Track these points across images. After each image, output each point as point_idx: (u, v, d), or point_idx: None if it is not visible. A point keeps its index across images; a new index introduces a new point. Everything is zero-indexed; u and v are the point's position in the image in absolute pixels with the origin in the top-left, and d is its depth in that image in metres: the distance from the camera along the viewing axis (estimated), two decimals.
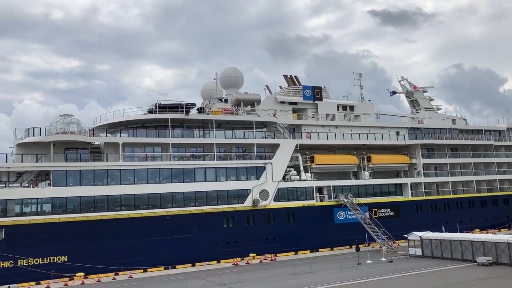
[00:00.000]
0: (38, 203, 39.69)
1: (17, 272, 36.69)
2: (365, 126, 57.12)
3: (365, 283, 29.60)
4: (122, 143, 43.73)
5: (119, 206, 41.97)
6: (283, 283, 30.75)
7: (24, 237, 37.85)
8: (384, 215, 53.00)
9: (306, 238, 48.18)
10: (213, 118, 47.82)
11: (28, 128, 42.28)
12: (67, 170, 40.89)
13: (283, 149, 49.82)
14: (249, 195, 47.16)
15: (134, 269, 39.82)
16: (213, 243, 44.26)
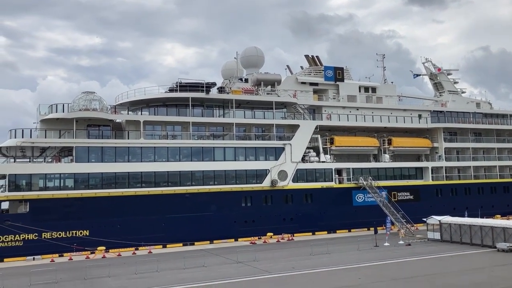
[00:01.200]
0: (61, 178, 40.60)
1: (41, 245, 37.85)
2: (386, 108, 56.34)
3: (382, 265, 29.62)
4: (143, 121, 44.17)
5: (139, 183, 42.63)
6: (299, 263, 30.99)
7: (48, 211, 38.89)
8: (403, 199, 52.66)
9: (323, 220, 48.30)
10: (233, 98, 47.81)
11: (52, 104, 43.02)
12: (89, 147, 41.61)
13: (302, 130, 49.63)
14: (267, 176, 47.33)
15: (153, 244, 40.64)
16: (231, 222, 44.77)
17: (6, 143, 40.42)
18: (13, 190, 38.69)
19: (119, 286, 25.74)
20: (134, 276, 28.45)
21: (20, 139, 40.13)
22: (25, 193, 38.92)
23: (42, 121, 42.41)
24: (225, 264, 31.58)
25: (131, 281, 27.06)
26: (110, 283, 26.66)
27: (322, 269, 28.74)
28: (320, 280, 25.31)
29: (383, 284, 23.84)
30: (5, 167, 40.28)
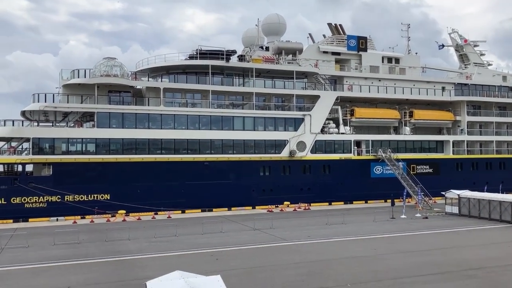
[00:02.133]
0: (83, 143, 41.40)
1: (64, 207, 39.02)
2: (409, 80, 55.26)
3: (398, 237, 29.71)
4: (163, 88, 44.35)
5: (159, 149, 43.18)
6: (315, 232, 31.32)
7: (70, 174, 39.86)
8: (422, 172, 52.31)
9: (341, 190, 48.43)
10: (253, 67, 47.43)
11: (74, 69, 43.40)
12: (110, 113, 42.10)
13: (323, 101, 49.18)
14: (286, 146, 47.36)
15: (172, 210, 41.48)
16: (249, 190, 45.26)
17: (29, 107, 41.19)
18: (37, 153, 39.66)
19: (138, 249, 26.49)
20: (154, 239, 29.21)
21: (43, 103, 40.84)
22: (48, 156, 39.86)
23: (64, 86, 42.92)
24: (242, 231, 32.13)
25: (151, 244, 27.80)
26: (130, 245, 27.44)
27: (337, 238, 29.02)
28: (335, 250, 25.59)
29: (398, 256, 23.98)
30: (29, 131, 41.18)
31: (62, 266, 22.50)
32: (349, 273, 20.54)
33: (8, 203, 38.03)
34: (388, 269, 21.23)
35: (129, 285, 18.99)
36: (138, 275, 20.50)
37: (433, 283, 18.86)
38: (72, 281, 19.79)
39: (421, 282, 19.07)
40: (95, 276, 20.51)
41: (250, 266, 21.95)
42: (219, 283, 12.42)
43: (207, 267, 21.23)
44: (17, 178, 38.96)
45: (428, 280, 19.31)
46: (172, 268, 15.95)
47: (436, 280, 19.37)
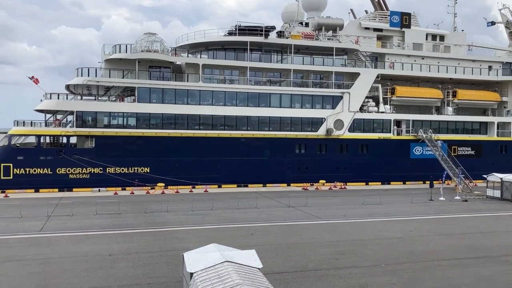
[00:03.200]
0: (124, 117, 42.48)
1: (106, 178, 40.45)
2: (454, 58, 53.22)
3: (435, 219, 29.22)
4: (202, 64, 44.63)
5: (197, 125, 43.79)
6: (350, 211, 31.22)
7: (111, 147, 41.14)
8: (464, 154, 50.84)
9: (378, 170, 47.80)
10: (292, 43, 46.86)
11: (115, 44, 44.21)
12: (151, 88, 42.88)
13: (363, 79, 48.22)
14: (323, 124, 46.97)
15: (209, 184, 42.25)
16: (284, 167, 45.39)
17: (73, 81, 42.46)
18: (80, 126, 41.07)
19: (176, 221, 27.25)
20: (191, 212, 29.94)
21: (86, 77, 42.00)
22: (91, 129, 41.21)
23: (106, 60, 43.87)
24: (277, 207, 32.40)
25: (188, 217, 28.52)
26: (168, 217, 28.26)
27: (373, 219, 28.84)
28: (370, 230, 25.48)
29: (434, 238, 23.64)
30: (73, 104, 42.58)
31: (104, 235, 23.50)
32: (384, 253, 20.47)
33: (54, 173, 39.76)
34: (424, 250, 21.00)
35: (167, 255, 19.66)
36: (175, 246, 21.17)
37: (469, 267, 18.55)
38: (113, 249, 20.66)
39: (458, 265, 18.80)
40: (135, 246, 21.32)
41: (284, 242, 22.22)
42: (254, 257, 12.66)
43: (242, 241, 21.66)
44: (62, 149, 40.56)
45: (465, 264, 19.00)
46: (208, 241, 16.39)
47: (473, 264, 19.03)
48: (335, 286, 16.10)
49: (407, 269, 18.16)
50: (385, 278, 16.96)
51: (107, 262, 18.69)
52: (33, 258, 19.18)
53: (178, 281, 15.73)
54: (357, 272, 17.60)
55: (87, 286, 15.87)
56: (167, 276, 16.91)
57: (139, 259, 19.08)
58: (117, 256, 19.58)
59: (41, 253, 19.99)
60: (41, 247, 20.95)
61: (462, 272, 17.92)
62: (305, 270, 17.83)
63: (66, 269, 17.65)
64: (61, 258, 19.14)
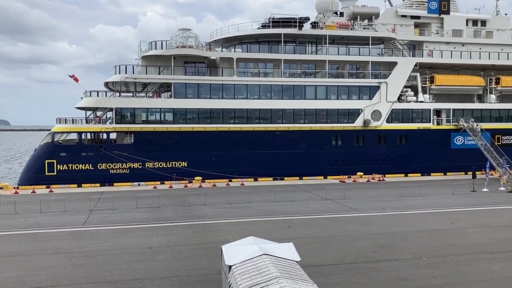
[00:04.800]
0: (161, 112, 43.23)
1: (145, 173, 41.37)
2: (497, 44, 51.15)
3: (478, 211, 28.31)
4: (236, 58, 44.76)
5: (233, 118, 44.05)
6: (389, 204, 30.68)
7: (150, 142, 42.03)
8: (508, 143, 48.99)
9: (417, 162, 46.72)
10: (327, 34, 46.28)
11: (151, 41, 44.94)
12: (186, 83, 43.42)
13: (400, 68, 47.10)
14: (360, 115, 46.27)
15: (245, 177, 42.48)
16: (321, 160, 45.05)
17: (112, 78, 43.53)
18: (119, 122, 42.10)
19: (214, 214, 27.56)
20: (228, 205, 30.21)
21: (123, 74, 42.95)
22: (130, 125, 42.18)
23: (142, 57, 44.71)
24: (314, 200, 32.23)
25: (225, 210, 28.80)
26: (206, 210, 28.62)
27: (413, 211, 28.24)
28: (411, 222, 24.96)
29: (478, 230, 22.91)
30: (111, 101, 43.66)
31: (145, 228, 24.06)
32: (425, 246, 20.02)
33: (95, 168, 40.99)
34: (466, 243, 20.40)
35: (206, 248, 19.93)
36: (214, 239, 21.43)
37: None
38: (154, 242, 21.13)
39: (502, 258, 18.16)
40: (174, 239, 21.73)
41: (322, 235, 22.09)
42: (292, 250, 12.64)
43: (279, 234, 21.67)
44: (103, 145, 41.74)
45: (510, 257, 18.33)
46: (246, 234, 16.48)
47: None
48: (375, 279, 15.88)
49: (449, 262, 17.70)
50: (426, 271, 16.60)
51: (147, 254, 19.14)
52: (78, 250, 19.87)
53: (217, 273, 15.93)
54: (397, 265, 17.30)
55: (129, 278, 16.31)
56: (206, 268, 17.15)
57: (178, 252, 19.44)
58: (157, 248, 20.01)
59: (85, 246, 20.68)
60: (84, 240, 21.67)
61: (507, 265, 17.30)
62: (343, 263, 17.68)
63: (109, 262, 18.19)
64: (104, 251, 19.74)
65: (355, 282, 15.62)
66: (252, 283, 10.16)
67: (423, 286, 15.20)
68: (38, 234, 22.95)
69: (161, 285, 15.57)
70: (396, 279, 15.87)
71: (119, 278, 16.29)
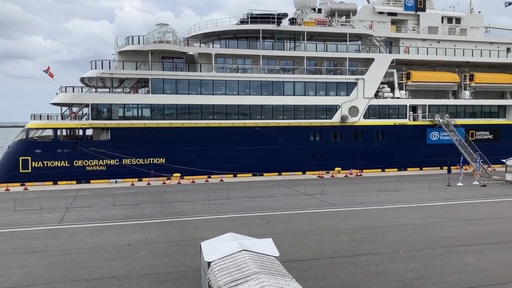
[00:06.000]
0: (139, 108, 42.74)
1: (122, 170, 40.87)
2: (471, 41, 52.19)
3: (453, 205, 28.92)
4: (215, 54, 44.53)
5: (211, 115, 43.86)
6: (367, 198, 31.07)
7: (127, 138, 41.51)
8: (482, 138, 50.15)
9: (394, 157, 47.41)
10: (305, 30, 46.42)
11: (128, 36, 44.37)
12: (164, 79, 43.00)
13: (377, 64, 47.64)
14: (337, 111, 46.65)
15: (224, 173, 42.40)
16: (299, 156, 45.30)
17: (88, 74, 42.78)
18: (95, 118, 41.47)
19: (193, 210, 27.44)
20: (207, 202, 30.11)
21: (100, 70, 42.29)
22: (106, 121, 41.58)
23: (119, 52, 44.06)
24: (292, 196, 32.40)
25: (204, 206, 28.70)
26: (185, 207, 28.47)
27: (390, 205, 28.67)
28: (387, 217, 25.33)
29: (453, 224, 23.41)
30: (88, 97, 42.97)
31: (122, 225, 23.79)
32: (401, 240, 20.35)
33: (71, 165, 40.30)
34: (442, 237, 20.83)
35: (185, 245, 19.83)
36: (193, 235, 21.34)
37: (488, 253, 18.34)
38: (132, 239, 20.92)
39: (476, 251, 18.60)
40: (153, 236, 21.55)
41: (301, 230, 22.23)
42: (271, 245, 12.69)
43: (258, 230, 21.73)
44: (79, 142, 41.04)
45: (484, 249, 18.80)
46: (225, 230, 16.48)
47: (492, 249, 18.81)
48: (353, 273, 16.07)
49: (425, 255, 18.04)
50: (403, 265, 16.88)
51: (125, 252, 18.94)
52: (54, 249, 19.52)
53: (196, 270, 15.87)
54: (374, 259, 17.55)
55: (107, 276, 16.11)
56: (185, 265, 17.07)
57: (157, 249, 19.29)
58: (135, 246, 19.82)
59: (61, 244, 20.33)
60: (61, 238, 21.31)
61: (480, 257, 17.73)
62: (322, 257, 17.84)
63: (86, 260, 17.93)
64: (81, 249, 19.45)
65: (333, 276, 15.78)
66: (231, 279, 10.16)
67: (399, 279, 15.46)
68: (13, 233, 22.47)
69: (140, 282, 15.43)
70: (374, 273, 16.10)
71: (97, 276, 16.08)
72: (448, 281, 15.25)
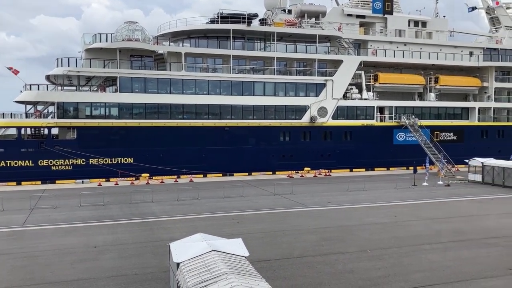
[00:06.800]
0: (106, 107, 41.94)
1: (89, 169, 40.01)
2: (436, 45, 53.62)
3: (419, 204, 29.65)
4: (185, 53, 44.17)
5: (181, 114, 43.47)
6: (335, 198, 31.48)
7: (94, 138, 40.64)
8: (446, 139, 51.59)
9: (362, 157, 48.20)
10: (275, 31, 46.63)
11: (96, 34, 43.44)
12: (133, 77, 42.34)
13: (346, 66, 48.33)
14: (307, 112, 47.06)
15: (194, 173, 42.12)
16: (269, 156, 45.47)
17: (53, 71, 41.70)
18: (62, 117, 40.44)
19: (162, 211, 27.14)
20: (176, 202, 29.83)
21: (66, 68, 41.25)
22: (73, 120, 40.62)
23: (86, 50, 43.12)
24: (263, 196, 32.49)
25: (173, 207, 28.42)
26: (153, 208, 28.12)
27: (358, 205, 29.13)
28: (356, 216, 25.74)
29: (418, 223, 24.00)
30: (53, 95, 41.82)
31: (89, 227, 23.29)
32: (369, 238, 20.71)
33: (35, 165, 39.16)
34: (408, 235, 21.32)
35: (153, 246, 19.58)
36: (162, 236, 21.10)
37: (453, 250, 18.89)
38: (99, 241, 20.50)
39: (441, 249, 19.13)
40: (121, 237, 21.18)
41: (270, 230, 22.31)
42: (240, 245, 12.69)
43: (228, 230, 21.68)
44: (44, 141, 39.92)
45: (448, 247, 19.34)
46: (194, 231, 16.35)
47: (456, 247, 19.39)
48: (321, 272, 16.25)
49: (392, 253, 18.42)
50: (370, 263, 17.18)
51: (92, 254, 18.55)
52: (17, 251, 18.93)
53: (165, 271, 15.70)
54: (343, 258, 17.79)
55: (73, 278, 15.74)
56: (153, 266, 16.86)
57: (125, 250, 18.98)
58: (103, 247, 19.44)
59: (26, 246, 19.73)
60: (25, 241, 20.68)
61: (445, 255, 18.25)
62: (291, 257, 17.95)
63: (52, 262, 17.47)
64: (46, 251, 18.93)
65: (302, 275, 15.91)
66: (200, 280, 10.10)
67: (367, 278, 15.73)
68: None
69: (107, 284, 15.15)
70: (342, 271, 16.32)
71: (62, 279, 15.68)
72: (414, 278, 15.62)
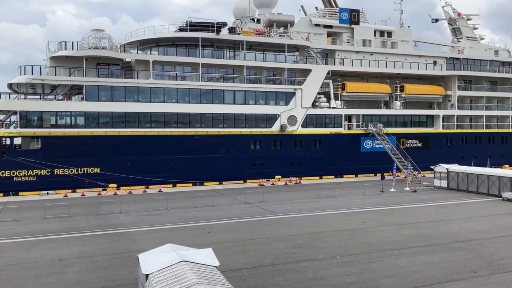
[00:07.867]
0: (72, 116, 40.97)
1: (54, 180, 38.87)
2: (401, 54, 55.04)
3: (387, 210, 30.13)
4: (153, 61, 43.72)
5: (149, 123, 42.90)
6: (306, 205, 31.63)
7: (59, 147, 39.56)
8: (412, 146, 52.80)
9: (331, 164, 48.76)
10: (244, 39, 46.82)
11: (61, 41, 42.51)
12: (99, 86, 41.54)
13: (314, 75, 48.93)
14: (277, 120, 47.32)
15: (163, 182, 41.54)
16: (240, 164, 45.38)
17: (16, 80, 40.48)
18: (25, 126, 39.20)
19: (130, 222, 26.58)
20: (145, 213, 29.31)
21: (30, 76, 40.15)
22: (36, 129, 39.45)
23: (51, 58, 42.11)
24: (233, 205, 32.34)
25: (142, 218, 27.90)
26: (122, 219, 27.52)
27: (328, 212, 29.36)
28: (326, 223, 25.91)
29: (386, 229, 24.36)
30: (16, 103, 40.58)
31: (54, 239, 22.56)
32: (339, 245, 20.86)
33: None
34: (377, 241, 21.58)
35: (121, 257, 19.13)
36: (130, 248, 20.64)
37: (420, 255, 19.23)
38: (65, 254, 19.87)
39: (409, 254, 19.44)
40: (87, 249, 20.60)
41: (241, 239, 22.18)
42: (211, 255, 12.54)
43: (198, 240, 21.42)
44: (6, 151, 38.59)
45: (416, 252, 19.68)
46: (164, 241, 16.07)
47: (423, 252, 19.75)
48: (292, 279, 16.22)
49: (361, 259, 18.59)
50: (340, 270, 17.28)
51: (58, 267, 17.95)
52: None
53: (134, 283, 15.34)
54: (313, 265, 17.83)
55: None
56: (121, 279, 16.44)
57: (92, 263, 18.45)
58: (68, 260, 18.85)
59: None
60: None
61: (412, 260, 18.55)
62: (262, 265, 17.87)
63: (13, 277, 16.79)
64: (8, 266, 18.20)
65: (273, 284, 15.84)
66: None
67: (337, 284, 15.80)
68: None
69: None
70: (312, 278, 16.34)
71: None
72: (382, 284, 15.79)
